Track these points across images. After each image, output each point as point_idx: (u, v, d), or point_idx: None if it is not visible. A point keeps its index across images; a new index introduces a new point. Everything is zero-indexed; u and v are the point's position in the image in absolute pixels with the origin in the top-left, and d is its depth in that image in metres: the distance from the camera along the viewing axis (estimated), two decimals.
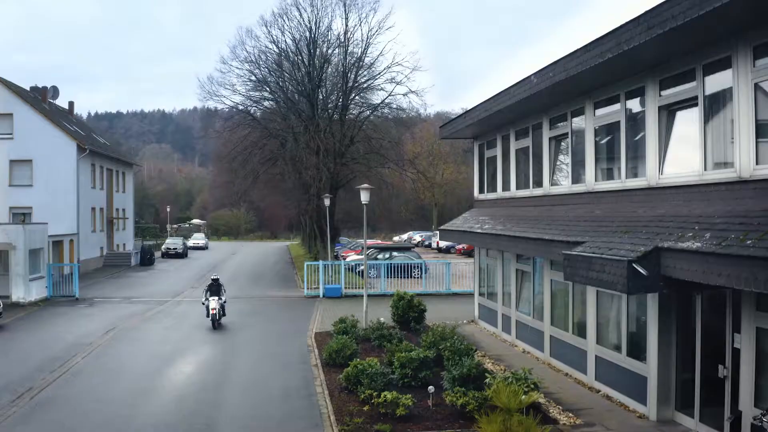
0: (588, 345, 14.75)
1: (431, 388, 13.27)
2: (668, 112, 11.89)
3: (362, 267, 23.65)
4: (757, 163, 9.47)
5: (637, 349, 12.90)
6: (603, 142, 14.34)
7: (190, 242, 68.29)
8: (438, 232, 67.50)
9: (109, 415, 13.05)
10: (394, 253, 39.54)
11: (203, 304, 23.08)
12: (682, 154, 11.42)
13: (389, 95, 45.26)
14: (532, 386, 12.58)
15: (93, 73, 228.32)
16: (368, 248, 33.44)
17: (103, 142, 53.99)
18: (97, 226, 46.58)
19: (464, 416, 12.22)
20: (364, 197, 21.19)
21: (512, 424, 8.79)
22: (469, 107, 20.83)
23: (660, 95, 11.91)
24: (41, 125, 41.83)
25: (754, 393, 9.68)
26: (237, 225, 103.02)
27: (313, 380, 15.64)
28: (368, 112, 46.37)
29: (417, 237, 73.45)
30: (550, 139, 16.89)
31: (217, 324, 22.36)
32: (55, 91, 49.97)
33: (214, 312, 22.34)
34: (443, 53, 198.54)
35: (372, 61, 45.39)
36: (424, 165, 66.46)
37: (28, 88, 47.01)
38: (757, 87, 9.54)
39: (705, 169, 10.64)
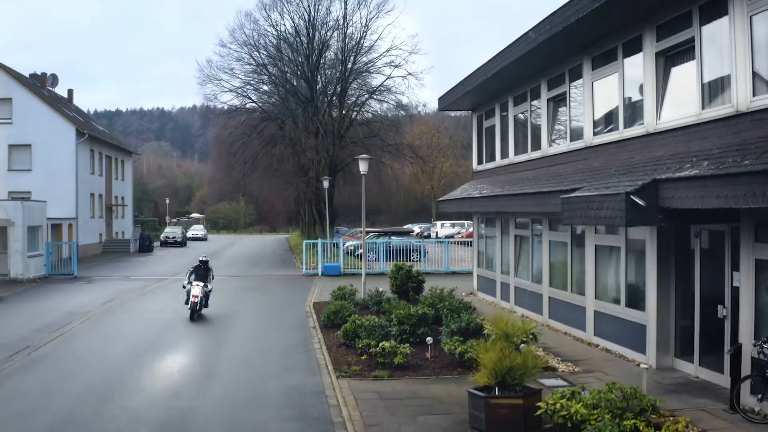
0: (587, 301, 14.72)
1: (429, 339, 13.25)
2: (665, 58, 11.86)
3: (361, 250, 23.53)
4: (753, 95, 9.45)
5: (636, 299, 12.87)
6: (601, 95, 14.28)
7: (190, 233, 68.14)
8: (437, 222, 68.10)
9: (108, 366, 13.07)
10: (393, 237, 39.47)
11: (184, 287, 19.25)
12: (680, 97, 11.38)
13: (388, 78, 45.30)
14: (531, 337, 12.54)
15: (93, 73, 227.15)
16: (367, 233, 33.38)
17: (102, 129, 53.93)
18: (96, 212, 46.48)
19: (463, 365, 12.21)
20: (363, 167, 21.10)
21: (510, 352, 8.74)
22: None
23: (657, 42, 11.88)
24: (40, 110, 41.70)
25: (754, 326, 9.64)
26: (236, 218, 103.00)
27: (311, 339, 15.66)
28: (366, 96, 46.37)
29: (416, 228, 73.51)
30: (548, 100, 16.86)
31: (196, 315, 18.54)
32: (54, 78, 49.83)
33: (195, 300, 18.52)
34: (442, 50, 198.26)
35: (371, 45, 45.44)
36: (423, 157, 66.26)
37: (27, 75, 46.94)
38: (752, 19, 9.52)
39: (702, 108, 10.62)
